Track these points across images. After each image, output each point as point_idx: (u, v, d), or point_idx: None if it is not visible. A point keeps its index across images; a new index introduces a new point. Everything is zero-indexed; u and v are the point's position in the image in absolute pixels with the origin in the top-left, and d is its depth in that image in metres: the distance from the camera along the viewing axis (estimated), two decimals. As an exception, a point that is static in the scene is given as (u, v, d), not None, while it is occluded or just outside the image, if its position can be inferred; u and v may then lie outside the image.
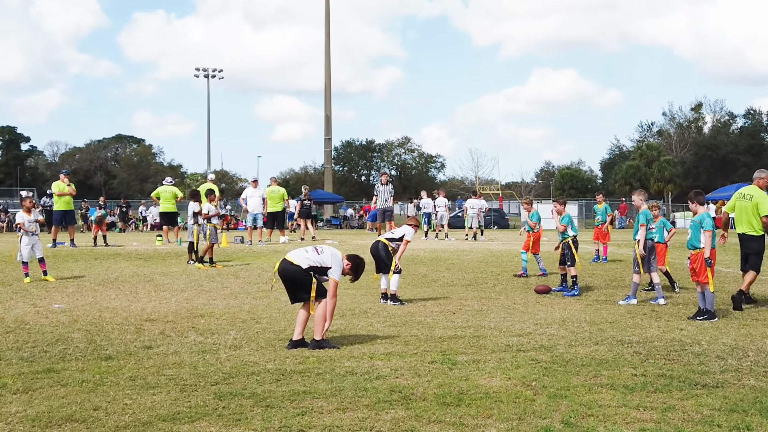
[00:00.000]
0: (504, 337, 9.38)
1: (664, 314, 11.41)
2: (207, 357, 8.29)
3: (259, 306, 12.23)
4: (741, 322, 10.63)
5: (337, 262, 8.77)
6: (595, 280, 15.94)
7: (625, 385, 6.95)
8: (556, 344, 8.92)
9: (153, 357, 8.32)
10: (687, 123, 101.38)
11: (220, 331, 9.93)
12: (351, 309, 11.80)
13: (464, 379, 7.20)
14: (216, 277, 16.06)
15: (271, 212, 25.68)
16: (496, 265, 18.72)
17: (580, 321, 10.69)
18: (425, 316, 11.24)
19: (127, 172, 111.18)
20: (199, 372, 7.56)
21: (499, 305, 12.38)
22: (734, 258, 20.76)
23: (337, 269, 8.74)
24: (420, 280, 15.80)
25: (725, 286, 14.73)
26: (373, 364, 7.88)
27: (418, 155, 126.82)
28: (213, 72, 72.23)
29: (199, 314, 11.36)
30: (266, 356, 8.30)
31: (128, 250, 22.34)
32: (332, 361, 8.03)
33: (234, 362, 8.00)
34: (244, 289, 14.42)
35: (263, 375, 7.41)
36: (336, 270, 8.72)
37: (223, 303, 12.58)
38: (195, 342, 9.16)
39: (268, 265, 18.22)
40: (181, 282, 15.28)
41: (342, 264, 8.84)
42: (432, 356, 8.24)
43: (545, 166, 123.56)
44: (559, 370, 7.55)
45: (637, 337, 9.34)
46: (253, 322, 10.67)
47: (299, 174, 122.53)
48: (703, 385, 6.96)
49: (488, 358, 8.13)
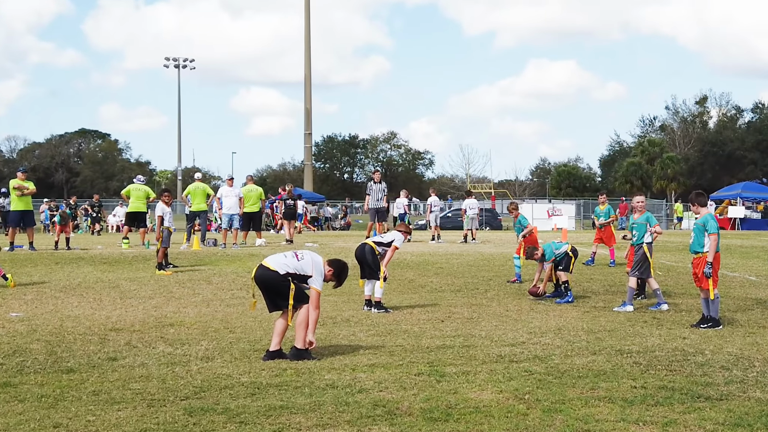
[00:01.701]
0: (496, 347, 9.41)
1: (666, 322, 11.48)
2: (176, 369, 8.26)
3: (233, 314, 12.21)
4: (747, 330, 10.71)
5: (318, 270, 8.76)
6: (593, 285, 16.01)
7: (624, 398, 6.99)
8: (550, 354, 8.95)
9: (118, 370, 8.29)
10: (691, 117, 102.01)
11: (190, 341, 9.90)
12: (332, 317, 11.80)
13: (453, 393, 7.22)
14: (187, 283, 16.02)
15: (247, 213, 25.61)
16: (488, 270, 18.77)
17: (577, 329, 10.74)
18: (412, 324, 11.25)
19: (91, 170, 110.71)
20: (168, 386, 7.54)
21: (491, 313, 12.42)
22: (740, 261, 20.95)
23: (318, 278, 8.73)
24: (406, 286, 15.82)
25: (731, 291, 14.84)
26: (356, 376, 7.89)
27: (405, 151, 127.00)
28: (184, 62, 72.02)
29: (169, 323, 11.32)
30: (240, 368, 8.29)
31: (92, 254, 22.23)
32: (311, 373, 8.03)
33: (206, 375, 7.98)
34: (217, 295, 14.39)
35: (237, 389, 7.40)
36: (317, 279, 8.71)
37: (194, 311, 12.55)
38: (164, 353, 9.13)
39: (244, 270, 18.18)
40: (149, 288, 15.22)
41: (323, 271, 8.83)
42: (419, 368, 8.26)
43: (541, 163, 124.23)
44: (554, 382, 7.58)
45: (637, 347, 9.39)
46: (227, 331, 10.65)
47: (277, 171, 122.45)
48: (707, 398, 7.01)
49: (479, 370, 8.16)
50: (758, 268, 19.28)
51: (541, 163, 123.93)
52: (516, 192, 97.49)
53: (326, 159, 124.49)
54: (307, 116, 62.86)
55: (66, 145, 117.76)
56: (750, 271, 18.68)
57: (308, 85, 62.58)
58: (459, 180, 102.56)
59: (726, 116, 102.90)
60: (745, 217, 48.52)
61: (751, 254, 23.54)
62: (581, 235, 38.01)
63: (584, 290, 15.22)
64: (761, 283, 16.36)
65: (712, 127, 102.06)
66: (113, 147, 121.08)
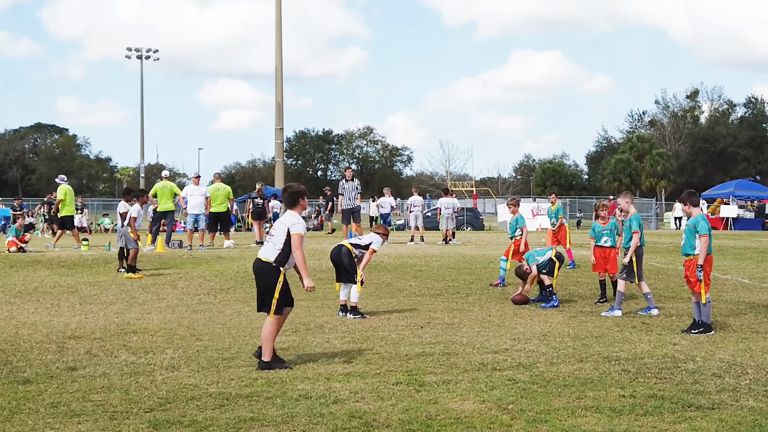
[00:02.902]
0: (478, 355, 9.46)
1: (656, 327, 11.58)
2: (140, 379, 8.23)
3: (199, 320, 12.18)
4: (739, 336, 10.83)
5: (294, 219, 8.90)
6: (580, 288, 16.11)
7: (612, 408, 7.05)
8: (535, 362, 9.01)
9: (78, 380, 8.24)
10: (682, 112, 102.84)
11: (155, 349, 9.87)
12: (305, 323, 11.80)
13: (433, 403, 7.25)
14: (151, 287, 15.95)
15: (214, 212, 25.54)
16: (470, 273, 18.83)
17: (563, 335, 10.81)
18: (389, 330, 11.28)
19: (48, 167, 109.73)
20: (131, 397, 7.51)
21: (473, 318, 12.46)
22: (732, 263, 21.16)
23: (297, 224, 8.81)
24: (384, 290, 15.84)
25: (723, 294, 14.99)
26: (331, 386, 7.90)
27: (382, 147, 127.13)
28: (147, 52, 71.64)
29: (132, 330, 11.27)
30: (208, 378, 8.27)
31: (49, 257, 22.07)
32: (284, 383, 8.03)
33: (171, 385, 7.96)
34: (183, 301, 14.34)
35: (205, 400, 7.39)
36: (296, 225, 8.79)
37: (158, 317, 12.50)
38: (126, 362, 9.09)
39: (211, 273, 18.14)
40: (111, 293, 15.14)
41: (299, 217, 8.95)
42: (397, 377, 8.28)
43: (525, 159, 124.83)
44: (538, 392, 7.63)
45: (625, 354, 9.47)
46: (194, 339, 10.62)
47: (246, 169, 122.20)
48: (698, 407, 7.08)
49: (460, 379, 8.19)
50: (751, 271, 19.47)
51: (525, 160, 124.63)
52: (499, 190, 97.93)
53: (299, 156, 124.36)
54: (279, 110, 62.70)
55: (21, 141, 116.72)
56: (743, 273, 18.87)
57: (279, 78, 62.43)
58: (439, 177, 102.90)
59: (718, 111, 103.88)
60: (737, 216, 49.00)
61: (744, 255, 23.78)
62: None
63: (570, 294, 15.31)
64: (755, 286, 16.52)
65: (704, 123, 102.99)
66: (71, 142, 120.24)
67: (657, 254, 23.84)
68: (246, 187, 55.34)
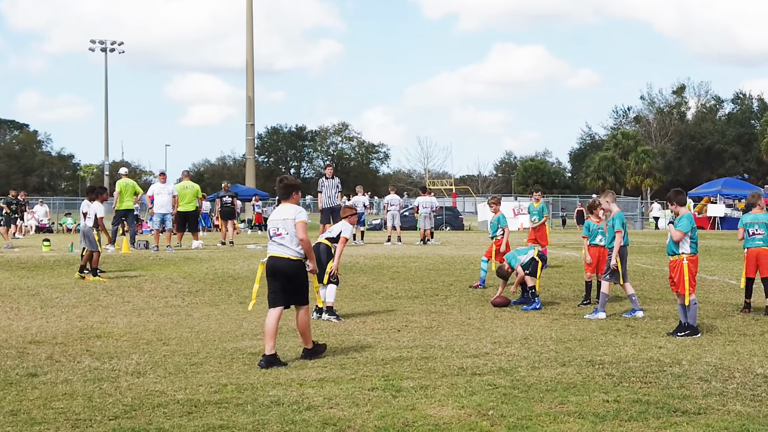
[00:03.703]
0: (457, 359, 9.47)
1: (641, 330, 11.65)
2: (104, 386, 8.19)
3: (166, 324, 12.13)
4: (727, 338, 10.92)
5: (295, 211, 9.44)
6: (563, 290, 16.17)
7: (596, 413, 7.08)
8: (516, 366, 9.04)
9: (39, 387, 8.19)
10: (668, 108, 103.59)
11: (119, 354, 9.82)
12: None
13: (410, 409, 7.26)
14: (115, 289, 15.87)
15: (182, 212, 25.45)
16: (449, 274, 18.87)
17: (545, 339, 10.85)
18: (365, 334, 11.28)
19: (7, 164, 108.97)
20: (95, 404, 7.47)
21: (452, 321, 12.49)
22: (720, 264, 21.33)
23: (300, 211, 9.41)
24: (359, 292, 15.83)
25: (710, 296, 15.11)
26: (303, 392, 7.89)
27: (357, 144, 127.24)
28: (112, 45, 71.23)
29: (95, 334, 11.21)
30: (175, 384, 8.24)
31: (8, 258, 21.91)
32: (254, 389, 8.01)
33: (137, 392, 7.92)
34: (149, 304, 14.28)
35: (172, 407, 7.36)
36: (300, 213, 9.39)
37: (123, 321, 12.44)
38: (90, 368, 9.04)
39: (178, 275, 18.07)
40: (73, 296, 15.05)
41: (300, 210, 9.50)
42: (373, 382, 8.28)
43: (506, 157, 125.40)
44: (520, 397, 7.66)
45: (609, 357, 9.52)
46: (160, 343, 10.58)
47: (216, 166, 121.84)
48: (684, 412, 7.13)
49: (438, 384, 8.21)
50: (739, 272, 19.44)
51: (507, 157, 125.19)
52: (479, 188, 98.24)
53: (270, 152, 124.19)
54: (250, 105, 62.52)
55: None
56: (730, 274, 19.01)
57: (250, 72, 62.26)
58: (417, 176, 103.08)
59: (705, 107, 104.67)
60: (725, 215, 49.38)
61: (732, 256, 23.93)
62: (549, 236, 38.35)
63: (553, 296, 15.37)
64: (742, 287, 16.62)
65: (691, 119, 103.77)
66: (32, 139, 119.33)
67: (642, 255, 24.00)
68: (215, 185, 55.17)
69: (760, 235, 13.19)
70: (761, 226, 13.21)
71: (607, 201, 13.46)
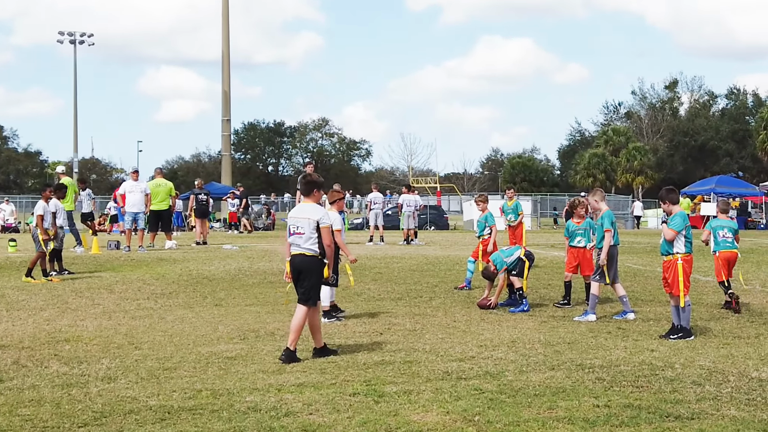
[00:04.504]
0: (442, 363, 9.48)
1: (632, 332, 11.69)
2: (73, 392, 8.15)
3: (138, 327, 12.09)
4: (721, 341, 10.98)
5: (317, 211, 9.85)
6: (551, 292, 16.22)
7: (586, 418, 7.10)
8: (504, 370, 9.05)
9: (4, 393, 8.15)
10: (660, 104, 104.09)
11: (89, 359, 9.78)
12: (254, 330, 11.77)
13: (393, 415, 7.26)
14: (85, 291, 15.81)
15: (155, 211, 25.39)
16: (433, 275, 18.89)
17: (533, 342, 10.87)
18: (346, 337, 11.27)
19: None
20: (63, 411, 7.43)
21: (436, 324, 12.50)
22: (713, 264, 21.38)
23: (324, 217, 9.81)
24: (340, 294, 15.77)
25: (704, 298, 15.20)
26: (282, 397, 7.88)
27: (338, 141, 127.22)
28: (81, 37, 70.83)
29: (64, 338, 11.16)
30: (148, 390, 8.22)
31: (-28, 259, 21.77)
32: (231, 394, 8.00)
33: (107, 398, 7.89)
34: (120, 306, 14.23)
35: (144, 413, 7.33)
36: (323, 219, 9.78)
37: (93, 324, 12.39)
38: (58, 373, 9.00)
39: (151, 277, 18.01)
40: (40, 298, 14.99)
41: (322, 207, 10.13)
42: (354, 387, 8.28)
43: (492, 154, 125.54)
44: (507, 402, 7.67)
45: (600, 361, 9.55)
46: (132, 347, 10.55)
47: (190, 163, 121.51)
48: (677, 417, 7.16)
49: (422, 389, 8.21)
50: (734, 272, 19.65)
51: (493, 154, 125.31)
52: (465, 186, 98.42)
53: (247, 149, 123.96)
54: (226, 100, 62.41)
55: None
56: (724, 275, 19.06)
57: (226, 65, 62.14)
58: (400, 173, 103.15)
59: (698, 102, 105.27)
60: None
61: (726, 256, 24.03)
62: (538, 235, 38.50)
63: (541, 298, 15.41)
64: (736, 288, 16.71)
65: (683, 115, 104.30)
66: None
67: (634, 255, 24.10)
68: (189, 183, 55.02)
69: (729, 238, 14.33)
70: (729, 230, 14.42)
71: (596, 200, 13.50)
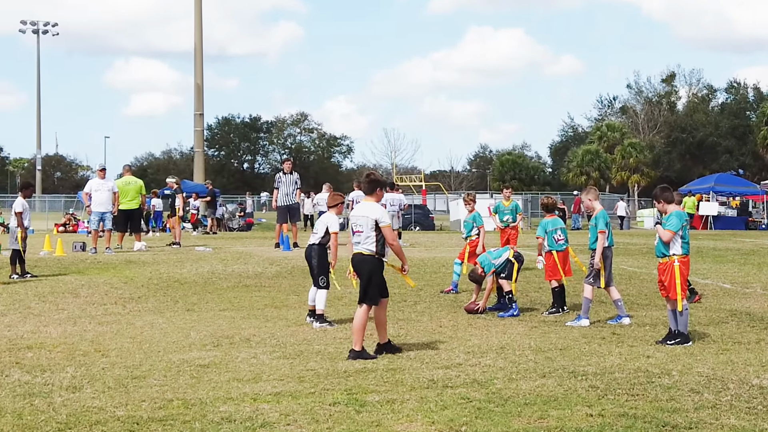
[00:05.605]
0: (427, 370, 9.49)
1: (627, 338, 11.73)
2: (36, 402, 8.12)
3: (106, 334, 12.05)
4: (720, 347, 11.02)
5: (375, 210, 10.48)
6: (542, 295, 16.24)
7: (578, 428, 7.13)
8: (492, 378, 9.07)
9: (-38, 403, 8.11)
10: (657, 98, 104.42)
11: (53, 367, 9.74)
12: (229, 336, 11.74)
13: (376, 425, 7.26)
14: (48, 296, 15.74)
15: (124, 210, 25.29)
16: (418, 278, 18.85)
17: (523, 348, 10.90)
18: (326, 344, 11.27)
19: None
20: (26, 422, 7.41)
21: (421, 329, 12.51)
22: (712, 266, 21.52)
23: (383, 215, 10.46)
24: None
25: (702, 301, 15.23)
26: (258, 407, 7.87)
27: (318, 136, 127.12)
28: (45, 26, 70.67)
29: (26, 345, 11.12)
30: (115, 400, 8.19)
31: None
32: (203, 404, 7.98)
33: (72, 408, 7.87)
34: (86, 311, 14.18)
35: (111, 424, 7.31)
36: (383, 217, 10.43)
37: (57, 330, 12.34)
38: (20, 382, 8.97)
39: (119, 280, 17.95)
40: (1, 303, 14.93)
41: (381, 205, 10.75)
42: (334, 396, 8.28)
43: (481, 150, 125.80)
44: (496, 411, 7.68)
45: (593, 368, 9.58)
46: (98, 355, 10.51)
47: (161, 160, 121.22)
48: (674, 426, 7.20)
49: (407, 398, 8.22)
50: (733, 275, 19.79)
51: (482, 151, 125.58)
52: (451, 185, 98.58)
53: (221, 145, 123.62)
54: (198, 94, 62.20)
55: None
56: (724, 277, 19.17)
57: (199, 57, 61.92)
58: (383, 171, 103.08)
59: (697, 97, 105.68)
60: (718, 214, 49.79)
61: (725, 258, 24.18)
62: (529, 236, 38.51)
63: (532, 301, 15.44)
64: (737, 291, 16.81)
65: (681, 110, 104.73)
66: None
67: (629, 257, 24.17)
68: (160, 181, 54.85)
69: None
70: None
71: (589, 198, 13.53)
